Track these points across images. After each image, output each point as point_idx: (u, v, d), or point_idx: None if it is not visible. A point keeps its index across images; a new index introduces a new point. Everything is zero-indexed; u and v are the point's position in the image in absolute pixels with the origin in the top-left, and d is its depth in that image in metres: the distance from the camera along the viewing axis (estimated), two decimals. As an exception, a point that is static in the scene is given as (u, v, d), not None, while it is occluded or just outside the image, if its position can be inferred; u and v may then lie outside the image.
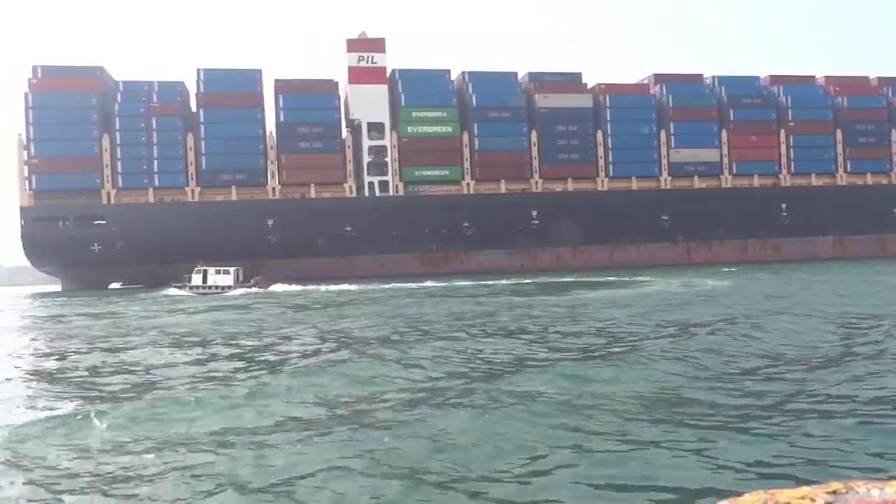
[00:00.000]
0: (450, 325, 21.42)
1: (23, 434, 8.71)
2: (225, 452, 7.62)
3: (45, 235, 67.85)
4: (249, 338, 19.83)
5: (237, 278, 54.16)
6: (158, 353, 16.80)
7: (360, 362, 13.47)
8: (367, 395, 10.55)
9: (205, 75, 73.09)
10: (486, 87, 78.60)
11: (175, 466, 7.19)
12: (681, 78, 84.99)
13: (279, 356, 15.92)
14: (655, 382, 10.71)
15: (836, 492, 1.61)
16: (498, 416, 8.64)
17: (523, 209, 76.58)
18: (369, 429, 8.27)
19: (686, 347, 14.03)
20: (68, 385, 12.91)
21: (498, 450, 7.34)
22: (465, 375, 12.15)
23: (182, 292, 52.38)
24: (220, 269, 54.45)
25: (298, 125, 73.07)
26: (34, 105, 68.92)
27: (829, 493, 1.60)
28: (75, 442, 8.32)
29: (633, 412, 8.75)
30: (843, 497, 1.59)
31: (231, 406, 9.86)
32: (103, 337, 21.33)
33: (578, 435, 7.77)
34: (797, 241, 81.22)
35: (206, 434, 8.44)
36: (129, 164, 70.29)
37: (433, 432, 7.96)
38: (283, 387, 11.25)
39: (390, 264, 71.54)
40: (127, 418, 9.31)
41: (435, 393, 10.39)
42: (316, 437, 8.02)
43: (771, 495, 1.62)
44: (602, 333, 17.76)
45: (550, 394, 9.92)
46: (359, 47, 76.06)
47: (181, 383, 12.38)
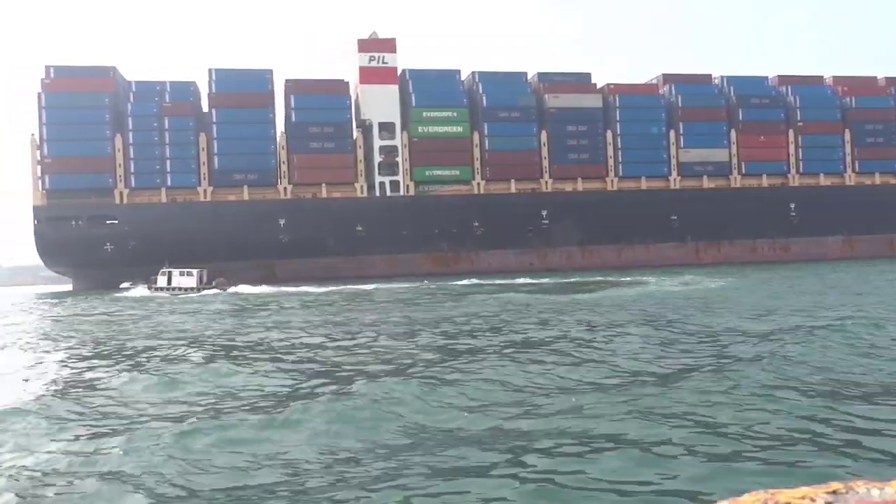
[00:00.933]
0: (357, 331, 20.38)
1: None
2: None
3: (57, 235, 68.15)
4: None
5: (200, 280, 55.32)
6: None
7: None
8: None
9: (216, 75, 73.32)
10: (496, 88, 78.84)
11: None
12: (690, 78, 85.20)
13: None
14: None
15: (836, 492, 1.61)
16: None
17: (533, 209, 76.84)
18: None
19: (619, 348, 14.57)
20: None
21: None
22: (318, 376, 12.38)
23: (147, 293, 53.82)
24: (184, 271, 56.00)
25: (310, 125, 73.32)
26: (47, 105, 69.20)
27: (829, 493, 1.60)
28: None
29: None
30: (843, 497, 1.59)
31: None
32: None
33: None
34: (806, 241, 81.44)
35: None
36: (141, 163, 70.56)
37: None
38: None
39: (401, 264, 71.84)
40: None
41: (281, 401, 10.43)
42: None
43: (771, 495, 1.62)
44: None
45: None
46: (370, 47, 76.31)
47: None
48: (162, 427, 8.81)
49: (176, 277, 55.68)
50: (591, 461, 6.89)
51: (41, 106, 69.33)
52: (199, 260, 67.52)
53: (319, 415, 9.18)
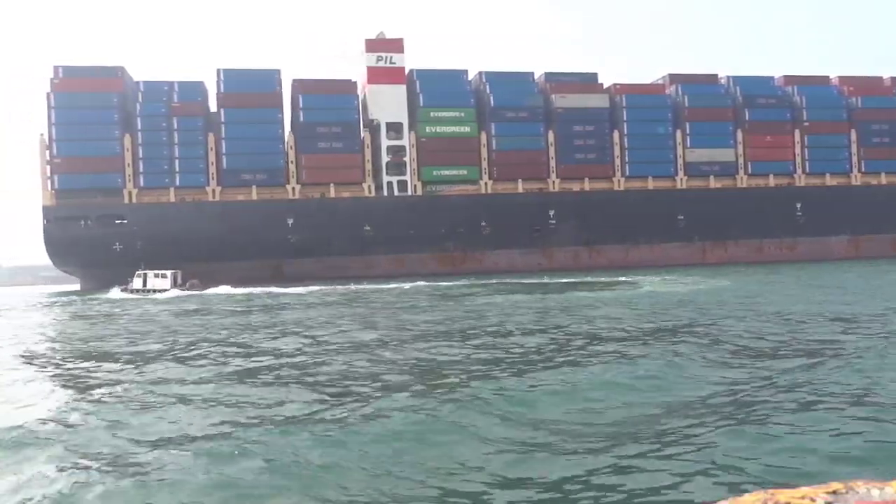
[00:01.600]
0: (320, 337, 19.90)
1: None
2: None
3: (66, 234, 68.33)
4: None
5: (174, 281, 55.92)
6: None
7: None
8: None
9: (224, 75, 73.42)
10: (503, 88, 78.98)
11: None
12: (696, 78, 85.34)
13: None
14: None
15: (836, 492, 1.62)
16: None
17: (540, 209, 77.03)
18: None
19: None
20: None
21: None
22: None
23: (123, 295, 54.54)
24: (159, 272, 56.68)
25: (318, 125, 73.46)
26: (56, 105, 69.34)
27: (829, 493, 1.61)
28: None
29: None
30: (843, 497, 1.59)
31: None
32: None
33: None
34: (812, 241, 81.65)
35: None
36: (150, 163, 70.74)
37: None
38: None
39: (409, 263, 72.09)
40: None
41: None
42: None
43: (771, 495, 1.63)
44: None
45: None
46: (378, 47, 76.46)
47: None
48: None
49: (151, 279, 56.33)
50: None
51: (50, 106, 69.47)
52: (213, 260, 68.06)
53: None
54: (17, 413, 10.39)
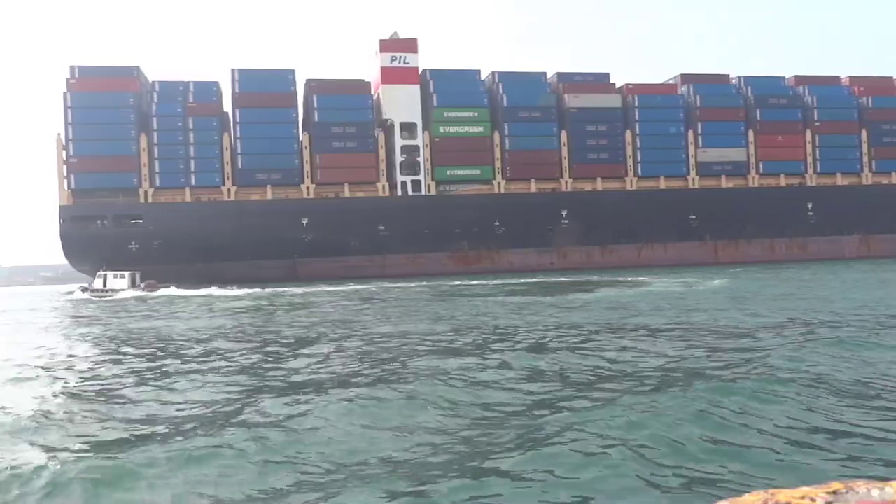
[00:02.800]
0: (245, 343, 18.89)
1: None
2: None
3: (83, 234, 68.59)
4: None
5: (132, 282, 57.28)
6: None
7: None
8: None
9: (240, 75, 73.70)
10: (516, 88, 79.27)
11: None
12: (707, 78, 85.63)
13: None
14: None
15: (836, 492, 1.62)
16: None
17: (553, 208, 77.29)
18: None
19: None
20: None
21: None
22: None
23: (84, 295, 56.73)
24: (118, 273, 58.03)
25: (332, 125, 73.76)
26: (73, 105, 69.64)
27: (829, 493, 1.61)
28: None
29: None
30: (843, 497, 1.60)
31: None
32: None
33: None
34: (823, 240, 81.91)
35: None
36: (166, 163, 71.02)
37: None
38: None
39: (423, 263, 72.40)
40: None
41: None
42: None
43: (771, 495, 1.63)
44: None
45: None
46: (392, 48, 76.75)
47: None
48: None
49: (110, 280, 57.68)
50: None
51: (67, 106, 69.75)
52: (228, 259, 68.37)
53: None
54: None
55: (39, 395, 11.16)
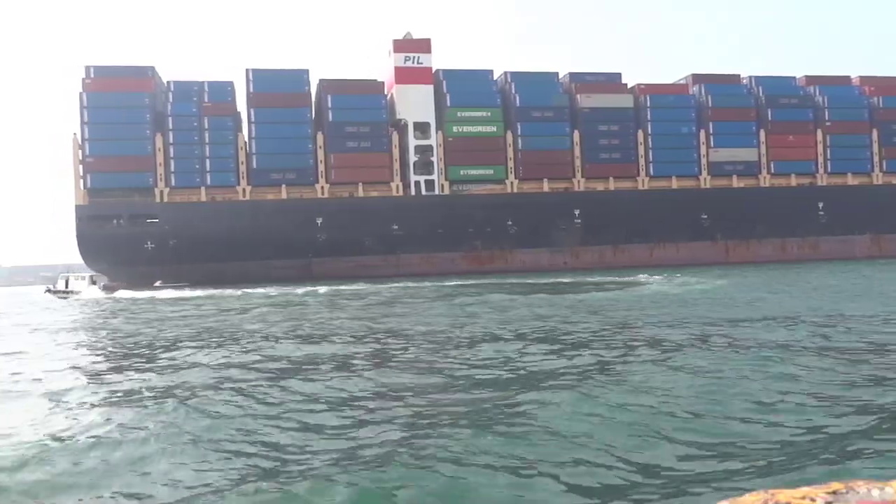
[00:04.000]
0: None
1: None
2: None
3: (99, 233, 68.90)
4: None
5: (91, 284, 60.82)
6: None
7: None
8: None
9: (254, 75, 73.94)
10: (528, 88, 79.51)
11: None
12: (719, 78, 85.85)
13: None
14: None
15: (836, 492, 1.62)
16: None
17: (566, 208, 77.59)
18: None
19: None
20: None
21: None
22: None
23: (48, 296, 61.00)
24: (79, 275, 63.24)
25: (346, 125, 74.05)
26: (88, 105, 69.88)
27: (829, 493, 1.61)
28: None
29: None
30: (843, 497, 1.60)
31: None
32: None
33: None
34: (834, 240, 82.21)
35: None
36: (181, 163, 71.31)
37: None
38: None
39: (437, 262, 72.72)
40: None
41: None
42: None
43: (771, 495, 1.63)
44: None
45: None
46: (405, 48, 76.98)
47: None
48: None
49: (72, 282, 61.96)
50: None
51: (83, 105, 69.97)
52: (243, 258, 68.70)
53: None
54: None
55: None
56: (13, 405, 10.79)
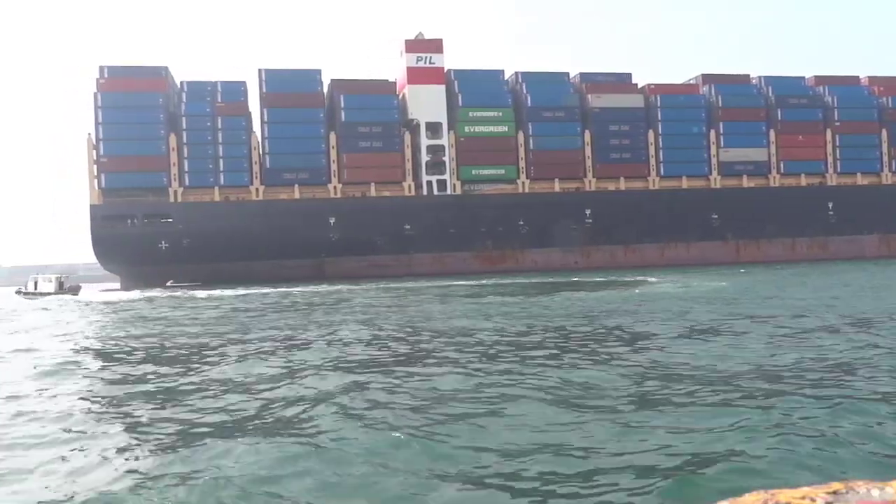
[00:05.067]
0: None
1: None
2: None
3: (114, 233, 69.15)
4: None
5: (60, 286, 63.25)
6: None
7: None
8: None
9: (267, 76, 74.20)
10: (539, 88, 79.76)
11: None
12: (729, 78, 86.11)
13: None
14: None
15: (837, 492, 1.61)
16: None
17: (577, 208, 77.86)
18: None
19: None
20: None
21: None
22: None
23: (17, 297, 63.55)
24: (47, 277, 65.89)
25: (359, 125, 74.31)
26: (103, 105, 70.12)
27: (829, 493, 1.60)
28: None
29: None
30: (843, 497, 1.59)
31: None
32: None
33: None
34: (843, 240, 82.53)
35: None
36: (195, 162, 71.59)
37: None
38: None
39: (449, 262, 73.00)
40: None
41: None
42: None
43: (771, 495, 1.62)
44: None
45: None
46: (417, 48, 77.21)
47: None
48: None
49: (41, 283, 64.69)
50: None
51: (97, 106, 70.25)
52: (257, 258, 68.94)
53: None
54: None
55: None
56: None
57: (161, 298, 45.43)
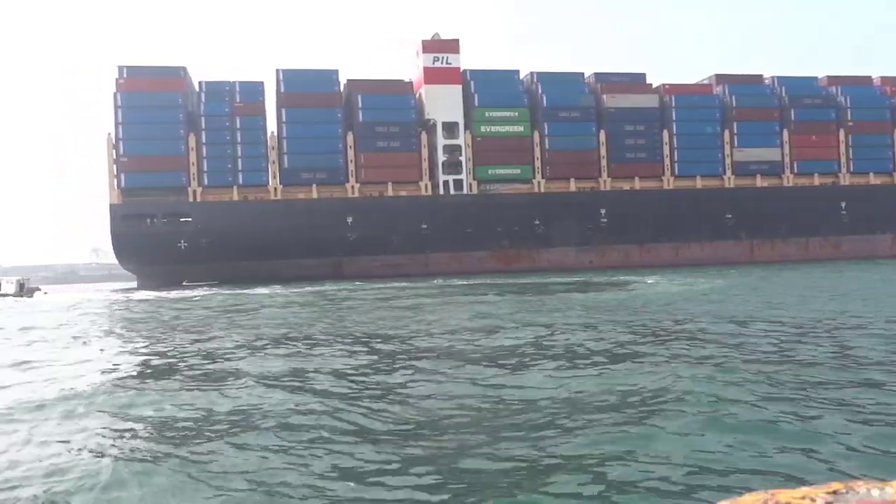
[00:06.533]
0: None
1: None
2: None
3: (134, 232, 69.58)
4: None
5: (21, 287, 64.99)
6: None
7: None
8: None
9: (284, 76, 74.62)
10: (554, 88, 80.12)
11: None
12: (742, 79, 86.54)
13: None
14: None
15: (837, 492, 1.61)
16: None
17: (592, 207, 78.30)
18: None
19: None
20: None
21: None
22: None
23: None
24: (9, 279, 68.19)
25: (376, 125, 74.73)
26: (123, 105, 70.52)
27: (829, 493, 1.60)
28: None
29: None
30: (843, 497, 1.59)
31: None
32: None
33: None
34: (856, 239, 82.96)
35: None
36: (214, 162, 71.97)
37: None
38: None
39: (465, 261, 73.43)
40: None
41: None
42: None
43: (771, 495, 1.62)
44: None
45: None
46: (434, 48, 77.61)
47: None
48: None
49: (3, 285, 66.17)
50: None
51: (117, 105, 70.62)
52: (275, 257, 69.35)
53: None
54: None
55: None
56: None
57: (133, 301, 44.63)
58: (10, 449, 7.98)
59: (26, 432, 8.70)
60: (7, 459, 7.54)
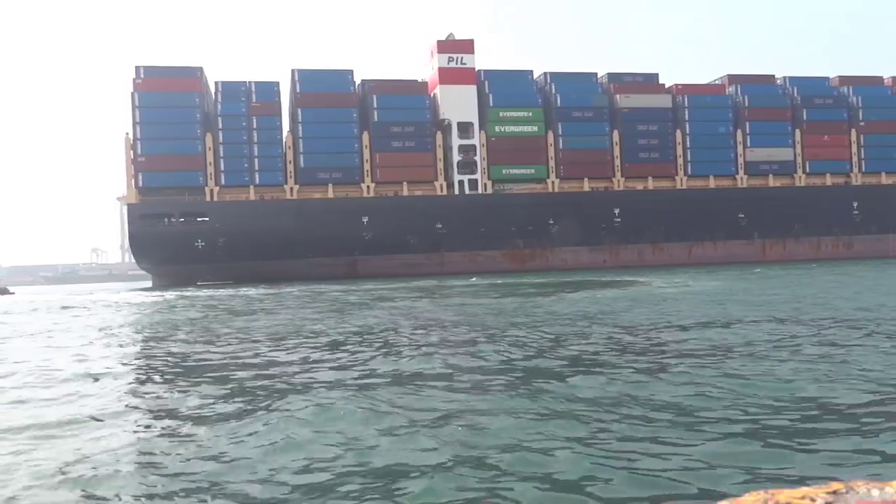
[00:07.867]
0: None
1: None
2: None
3: (151, 231, 70.04)
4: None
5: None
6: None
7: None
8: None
9: (300, 76, 75.03)
10: (568, 88, 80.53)
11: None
12: (754, 79, 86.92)
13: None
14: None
15: (836, 492, 1.62)
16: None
17: (606, 207, 78.69)
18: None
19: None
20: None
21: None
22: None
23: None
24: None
25: (391, 125, 75.13)
26: (140, 105, 70.95)
27: (829, 493, 1.61)
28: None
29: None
30: (843, 497, 1.60)
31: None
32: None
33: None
34: (868, 239, 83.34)
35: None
36: (231, 162, 72.41)
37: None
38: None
39: (480, 260, 73.87)
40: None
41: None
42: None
43: (771, 495, 1.63)
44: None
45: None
46: (449, 48, 77.98)
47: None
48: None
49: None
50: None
51: (134, 105, 71.03)
52: (291, 257, 69.83)
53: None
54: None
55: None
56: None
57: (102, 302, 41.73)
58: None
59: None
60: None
